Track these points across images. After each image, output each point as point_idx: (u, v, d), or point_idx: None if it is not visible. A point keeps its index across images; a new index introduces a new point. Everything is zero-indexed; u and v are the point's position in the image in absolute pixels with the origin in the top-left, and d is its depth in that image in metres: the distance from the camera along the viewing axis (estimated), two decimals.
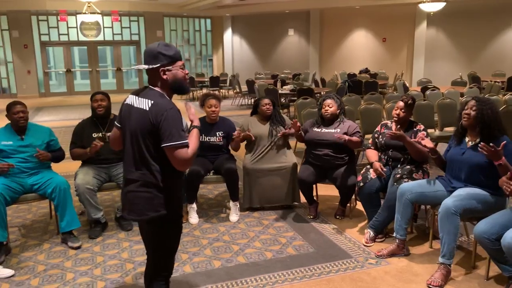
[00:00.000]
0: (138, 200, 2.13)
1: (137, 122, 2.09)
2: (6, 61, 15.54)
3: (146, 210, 2.12)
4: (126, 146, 2.19)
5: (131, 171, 2.15)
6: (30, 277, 3.16)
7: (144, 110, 2.07)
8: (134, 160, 2.13)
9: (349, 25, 17.37)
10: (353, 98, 7.10)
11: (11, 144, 3.62)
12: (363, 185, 3.73)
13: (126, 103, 2.22)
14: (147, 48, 2.14)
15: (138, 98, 2.14)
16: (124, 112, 2.21)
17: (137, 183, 2.12)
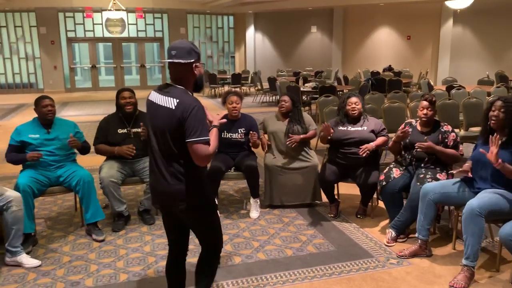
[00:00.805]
0: (172, 192, 2.22)
1: (163, 120, 2.16)
2: (34, 56, 15.92)
3: (180, 201, 2.23)
4: (152, 142, 2.25)
5: (160, 165, 2.22)
6: (55, 268, 3.25)
7: (170, 109, 2.14)
8: (163, 154, 2.21)
9: (373, 22, 17.16)
10: (376, 96, 7.03)
11: (38, 137, 3.71)
12: (385, 184, 3.69)
13: (149, 100, 2.28)
14: (178, 44, 2.19)
15: (161, 95, 2.20)
16: (148, 109, 2.30)
17: (170, 176, 2.20)
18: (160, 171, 2.22)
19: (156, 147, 2.23)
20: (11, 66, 15.86)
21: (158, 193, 2.31)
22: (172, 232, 2.48)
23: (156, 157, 2.24)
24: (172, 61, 2.16)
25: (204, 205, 2.30)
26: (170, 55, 2.17)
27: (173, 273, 2.52)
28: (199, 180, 2.26)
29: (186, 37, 17.22)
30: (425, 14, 15.82)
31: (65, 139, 3.78)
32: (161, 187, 2.25)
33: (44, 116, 3.73)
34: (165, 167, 2.21)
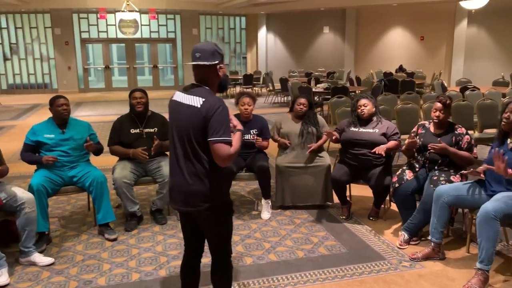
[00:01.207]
0: (193, 193, 2.22)
1: (188, 118, 2.17)
2: (49, 57, 16.12)
3: (200, 202, 2.23)
4: (174, 141, 2.25)
5: (182, 165, 2.22)
6: (69, 266, 3.28)
7: (195, 107, 2.15)
8: (185, 154, 2.21)
9: (385, 23, 17.05)
10: (389, 98, 6.98)
11: (53, 137, 3.75)
12: (398, 186, 3.67)
13: (173, 100, 2.30)
14: (201, 46, 2.20)
15: (187, 95, 2.22)
16: (171, 109, 2.30)
17: (191, 176, 2.20)
18: (181, 171, 2.22)
19: (178, 147, 2.23)
20: (26, 67, 16.08)
21: (178, 193, 2.29)
22: (189, 233, 2.47)
23: (178, 157, 2.24)
24: (197, 63, 2.18)
25: (222, 207, 2.30)
26: (194, 57, 2.19)
27: (188, 274, 2.52)
28: (220, 181, 2.27)
29: (198, 38, 17.29)
30: (439, 14, 15.67)
31: (79, 139, 3.82)
32: (181, 187, 2.25)
33: (59, 116, 3.77)
34: (187, 167, 2.21)
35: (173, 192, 2.32)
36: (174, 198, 2.34)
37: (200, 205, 2.23)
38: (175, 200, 2.33)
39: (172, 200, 2.36)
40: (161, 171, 3.99)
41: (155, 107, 4.39)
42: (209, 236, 2.38)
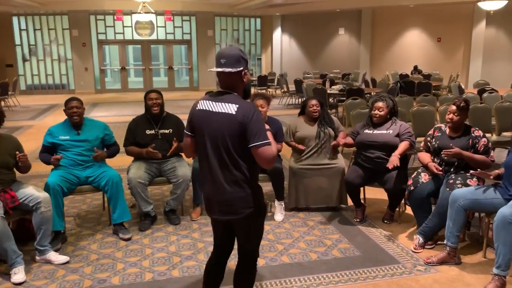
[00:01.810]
0: (234, 200, 2.22)
1: (223, 126, 2.14)
2: (66, 58, 16.36)
3: (242, 208, 2.23)
4: (207, 150, 2.20)
5: (218, 174, 2.19)
6: (83, 265, 3.32)
7: (231, 114, 2.13)
8: (221, 162, 2.18)
9: (402, 24, 16.89)
10: (405, 99, 6.92)
11: (68, 139, 3.81)
12: (413, 189, 3.62)
13: (201, 109, 2.23)
14: (227, 52, 2.18)
15: (218, 103, 2.18)
16: (200, 118, 2.23)
17: (230, 184, 2.19)
18: (219, 180, 2.20)
19: (213, 156, 2.19)
20: (45, 68, 16.35)
21: (217, 203, 2.26)
22: (220, 234, 2.46)
23: (213, 166, 2.20)
24: (223, 71, 2.16)
25: (260, 210, 2.31)
26: (219, 63, 2.16)
27: (214, 272, 2.51)
28: (257, 186, 2.29)
29: (214, 39, 17.36)
30: (457, 15, 15.46)
31: (94, 140, 3.87)
32: (220, 197, 2.23)
33: (69, 118, 3.83)
34: (224, 175, 2.19)
35: (210, 201, 2.29)
36: (212, 207, 2.31)
37: (242, 212, 2.23)
38: (214, 209, 2.30)
39: (210, 210, 2.33)
40: (176, 171, 4.01)
41: (170, 108, 4.41)
42: (244, 239, 2.38)
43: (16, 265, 3.09)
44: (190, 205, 4.43)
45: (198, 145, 2.27)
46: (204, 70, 17.28)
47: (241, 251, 2.41)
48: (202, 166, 2.29)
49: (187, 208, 4.41)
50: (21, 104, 12.97)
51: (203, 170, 2.28)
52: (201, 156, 2.27)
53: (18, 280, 3.04)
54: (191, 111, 2.28)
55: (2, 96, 10.98)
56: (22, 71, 16.18)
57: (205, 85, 16.91)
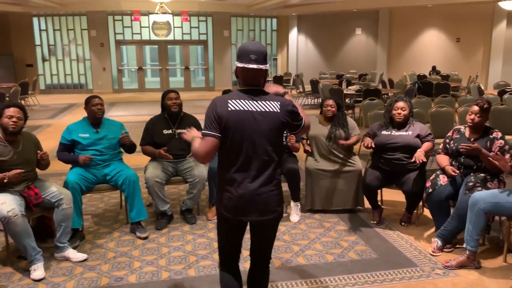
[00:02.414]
0: (270, 200, 2.19)
1: (266, 124, 2.10)
2: (84, 58, 16.59)
3: (275, 207, 2.22)
4: (243, 151, 2.11)
5: (257, 174, 2.14)
6: (101, 263, 3.35)
7: (275, 112, 2.11)
8: (259, 162, 2.13)
9: (420, 24, 16.69)
10: (423, 100, 6.83)
11: (88, 137, 3.85)
12: (432, 191, 3.57)
13: (237, 109, 2.09)
14: (256, 48, 2.10)
15: (257, 101, 2.11)
16: (238, 119, 2.09)
17: (268, 184, 2.16)
18: (257, 180, 2.14)
19: (250, 155, 2.12)
20: (63, 68, 16.60)
21: (254, 204, 2.16)
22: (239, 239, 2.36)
23: (250, 167, 2.13)
24: (259, 68, 2.09)
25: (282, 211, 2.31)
26: (249, 59, 2.07)
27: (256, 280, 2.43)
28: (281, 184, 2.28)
29: (230, 39, 17.40)
30: (476, 15, 15.22)
31: (112, 138, 3.91)
32: (258, 197, 2.15)
33: (93, 115, 3.87)
34: (264, 175, 2.15)
35: (246, 203, 2.16)
36: (247, 209, 2.18)
37: (275, 210, 2.22)
38: (249, 211, 2.18)
39: (244, 212, 2.19)
40: (192, 171, 4.02)
41: (186, 108, 4.43)
42: (268, 240, 2.34)
43: (35, 261, 3.14)
44: (206, 205, 4.45)
45: (230, 147, 2.12)
46: (220, 70, 17.34)
47: (261, 254, 2.37)
48: (234, 168, 2.14)
49: (203, 207, 4.43)
50: (40, 103, 13.19)
51: (235, 171, 2.14)
52: (234, 157, 2.14)
53: (38, 276, 3.09)
54: (220, 112, 2.09)
55: (22, 95, 11.17)
56: (41, 70, 16.46)
57: (221, 85, 16.94)
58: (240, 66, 2.11)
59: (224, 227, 2.31)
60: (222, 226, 2.32)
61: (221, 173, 2.22)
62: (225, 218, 2.24)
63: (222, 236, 2.36)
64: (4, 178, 3.08)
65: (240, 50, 2.12)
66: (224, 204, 2.20)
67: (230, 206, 2.19)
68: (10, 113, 3.23)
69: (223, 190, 2.20)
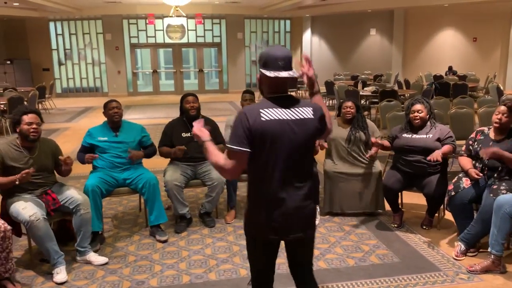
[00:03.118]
0: (312, 213, 2.09)
1: (303, 132, 1.97)
2: (100, 62, 16.76)
3: (314, 219, 2.13)
4: (280, 165, 1.96)
5: (296, 187, 2.00)
6: (122, 266, 3.37)
7: (310, 118, 1.99)
8: (299, 173, 2.00)
9: (436, 24, 16.50)
10: (441, 102, 6.75)
11: (106, 140, 3.88)
12: (454, 194, 3.51)
13: (272, 119, 1.93)
14: (282, 53, 1.99)
15: (291, 109, 1.97)
16: (275, 130, 1.93)
17: (307, 196, 2.04)
18: (296, 194, 1.99)
19: (291, 167, 1.97)
20: (79, 71, 16.79)
21: (297, 219, 2.02)
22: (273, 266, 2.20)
23: (290, 179, 1.98)
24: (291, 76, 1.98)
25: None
26: (278, 66, 1.95)
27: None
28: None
29: (243, 42, 17.41)
30: (494, 14, 14.98)
31: (131, 142, 3.93)
32: (301, 212, 2.01)
33: (111, 119, 3.90)
34: (303, 187, 2.01)
35: (290, 220, 2.01)
36: (291, 227, 2.02)
37: (314, 222, 2.12)
38: (293, 229, 2.03)
39: (287, 230, 2.02)
40: (210, 174, 4.02)
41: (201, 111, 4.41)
42: (310, 252, 2.23)
43: (58, 265, 3.16)
44: (225, 208, 4.44)
45: (266, 160, 1.95)
46: (233, 72, 17.36)
47: (306, 267, 2.25)
48: (273, 182, 1.96)
49: (221, 210, 4.42)
50: (57, 106, 13.35)
51: (275, 186, 1.96)
52: (271, 171, 1.96)
53: (60, 280, 3.12)
54: (253, 124, 1.91)
55: (39, 99, 11.32)
56: (58, 74, 16.67)
57: (235, 87, 16.97)
58: (268, 75, 1.95)
59: (259, 250, 2.11)
60: (256, 248, 2.12)
61: (255, 190, 2.03)
62: (261, 240, 2.06)
63: (256, 260, 2.16)
64: (15, 180, 3.10)
65: (266, 57, 1.97)
66: (262, 224, 2.01)
67: (271, 226, 2.00)
68: (30, 119, 3.24)
69: (260, 208, 2.01)
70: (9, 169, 3.19)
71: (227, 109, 12.47)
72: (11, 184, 3.13)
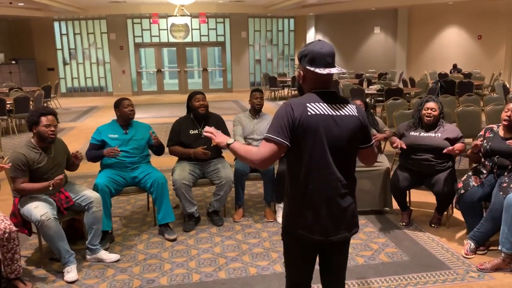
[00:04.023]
0: (355, 212, 2.04)
1: (347, 129, 1.92)
2: (104, 61, 16.80)
3: (357, 218, 2.07)
4: (327, 161, 1.90)
5: (343, 185, 1.95)
6: (132, 265, 3.38)
7: (354, 116, 1.94)
8: (344, 171, 1.95)
9: (440, 22, 16.43)
10: (448, 100, 6.73)
11: (117, 137, 3.89)
12: (464, 192, 3.51)
13: (318, 113, 1.89)
14: (330, 50, 1.93)
15: (337, 105, 1.94)
16: (319, 124, 1.88)
17: (352, 195, 2.00)
18: (343, 192, 1.95)
19: (337, 164, 1.92)
20: (84, 71, 16.83)
21: (342, 219, 1.97)
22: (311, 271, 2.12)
23: (336, 177, 1.93)
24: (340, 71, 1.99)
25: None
26: (327, 62, 1.91)
27: None
28: None
29: (247, 40, 17.41)
30: (498, 12, 14.91)
31: (140, 139, 3.95)
32: (346, 212, 1.97)
33: (127, 116, 3.91)
34: (349, 185, 1.96)
35: (337, 220, 1.96)
36: (338, 227, 1.97)
37: (357, 222, 2.06)
38: (339, 229, 1.97)
39: (334, 231, 1.96)
40: (219, 173, 4.03)
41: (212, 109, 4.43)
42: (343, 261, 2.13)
43: (69, 264, 3.18)
44: (232, 207, 4.44)
45: (311, 156, 1.89)
46: (237, 71, 17.36)
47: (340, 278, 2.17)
48: (319, 181, 1.91)
49: (229, 209, 4.43)
50: (62, 106, 13.39)
51: (321, 185, 1.92)
52: (316, 169, 1.91)
53: (71, 278, 3.13)
54: (298, 117, 1.86)
55: (45, 98, 11.36)
56: (62, 74, 16.72)
57: (239, 86, 16.98)
58: (320, 72, 1.90)
59: (298, 253, 2.04)
60: (296, 253, 2.04)
61: (298, 190, 1.95)
62: (302, 243, 1.98)
63: (296, 265, 2.08)
64: (49, 186, 3.13)
65: (313, 54, 1.91)
66: (309, 225, 1.94)
67: (319, 226, 1.94)
68: (48, 121, 3.24)
69: (307, 208, 1.94)
70: (35, 172, 3.21)
71: (231, 108, 12.48)
72: (45, 190, 3.17)
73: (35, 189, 3.18)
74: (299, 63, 2.02)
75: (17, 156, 3.16)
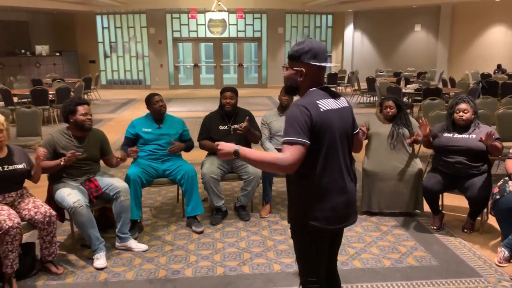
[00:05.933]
0: (355, 199, 2.17)
1: (348, 120, 2.10)
2: (143, 55, 17.16)
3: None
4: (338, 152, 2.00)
5: (350, 173, 2.08)
6: (158, 255, 3.45)
7: (348, 107, 2.13)
8: (346, 161, 2.06)
9: (485, 20, 15.81)
10: (488, 101, 6.47)
11: (150, 132, 3.98)
12: (499, 198, 3.37)
13: (328, 109, 1.97)
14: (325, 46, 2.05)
15: (336, 98, 2.06)
16: (331, 119, 1.97)
17: (354, 182, 2.14)
18: (350, 180, 2.08)
19: (344, 154, 2.04)
20: (123, 64, 17.27)
21: (353, 205, 2.13)
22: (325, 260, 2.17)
23: (346, 166, 2.05)
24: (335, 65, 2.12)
25: None
26: (326, 57, 2.02)
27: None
28: None
29: (284, 36, 17.34)
30: None
31: (174, 134, 4.03)
32: (353, 199, 2.12)
33: (158, 112, 4.00)
34: (352, 173, 2.10)
35: (350, 206, 2.09)
36: (350, 213, 2.11)
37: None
38: (351, 215, 2.13)
39: (347, 217, 2.10)
40: (247, 168, 4.04)
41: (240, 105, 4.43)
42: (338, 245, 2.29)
43: (98, 251, 3.28)
44: (259, 202, 4.45)
45: (327, 150, 1.96)
46: (273, 67, 17.32)
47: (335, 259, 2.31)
48: (334, 172, 2.00)
49: (256, 205, 4.44)
50: (102, 98, 13.79)
51: (336, 176, 2.01)
52: (330, 160, 1.98)
53: (100, 265, 3.23)
54: (314, 115, 1.91)
55: (85, 90, 11.73)
56: (103, 66, 17.23)
57: (273, 83, 16.94)
58: (323, 66, 1.99)
59: (316, 244, 2.07)
60: (315, 243, 2.07)
61: (314, 184, 1.99)
62: (321, 233, 2.03)
63: (314, 256, 2.09)
64: (60, 162, 3.23)
65: (316, 50, 1.97)
66: (327, 215, 2.00)
67: (335, 216, 2.02)
68: (85, 110, 3.41)
69: (322, 200, 1.99)
70: (59, 156, 3.32)
71: (265, 103, 12.48)
72: (57, 167, 3.28)
73: (48, 166, 3.28)
74: (294, 61, 2.01)
75: (47, 136, 3.33)
